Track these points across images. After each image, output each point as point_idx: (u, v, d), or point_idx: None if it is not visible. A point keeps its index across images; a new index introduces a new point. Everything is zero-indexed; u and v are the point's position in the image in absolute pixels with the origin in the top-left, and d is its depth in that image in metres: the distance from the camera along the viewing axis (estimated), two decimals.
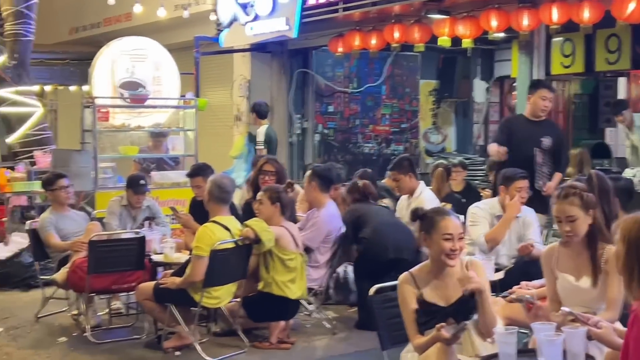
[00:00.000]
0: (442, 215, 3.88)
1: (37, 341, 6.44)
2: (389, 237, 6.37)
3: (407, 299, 3.88)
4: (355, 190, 6.74)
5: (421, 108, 12.82)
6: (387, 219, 6.61)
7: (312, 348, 6.08)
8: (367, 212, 6.55)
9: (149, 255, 6.54)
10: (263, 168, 6.89)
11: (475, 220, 5.83)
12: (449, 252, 3.82)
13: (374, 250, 6.35)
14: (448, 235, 3.82)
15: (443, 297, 3.87)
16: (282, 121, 11.99)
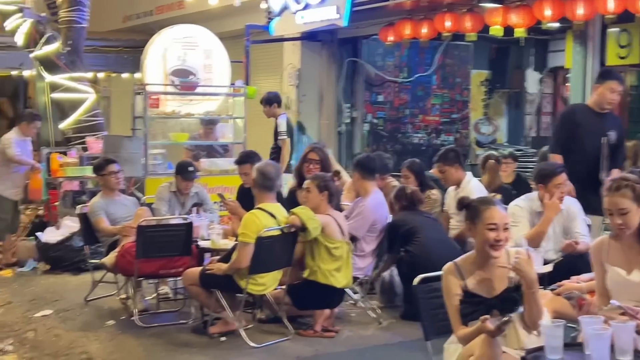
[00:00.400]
0: (487, 205, 3.84)
1: (86, 324, 6.56)
2: (436, 254, 6.23)
3: (451, 289, 3.85)
4: (402, 197, 6.66)
5: (472, 98, 12.72)
6: (435, 234, 6.50)
7: (357, 337, 6.07)
8: (415, 225, 6.45)
9: (196, 241, 6.61)
10: (308, 156, 6.89)
11: (515, 220, 5.69)
12: (493, 242, 3.78)
13: (419, 266, 6.22)
14: (492, 226, 3.78)
15: (488, 288, 3.83)
16: (331, 110, 12.00)
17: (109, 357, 5.71)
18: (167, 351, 5.71)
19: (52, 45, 11.17)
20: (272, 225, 5.78)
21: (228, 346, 5.78)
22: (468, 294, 3.83)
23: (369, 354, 5.66)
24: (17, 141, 9.23)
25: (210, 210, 7.45)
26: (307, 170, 6.74)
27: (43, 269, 8.71)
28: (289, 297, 6.07)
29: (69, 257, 8.56)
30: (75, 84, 11.10)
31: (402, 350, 5.70)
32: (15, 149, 9.12)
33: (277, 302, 6.11)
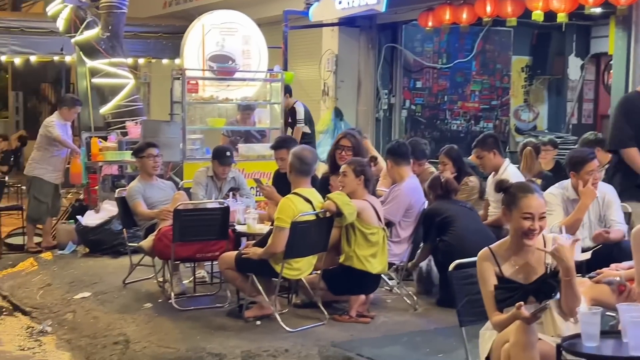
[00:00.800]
0: (524, 193, 3.78)
1: (124, 306, 6.64)
2: (472, 243, 6.16)
3: (486, 275, 3.83)
4: (437, 186, 6.63)
5: (513, 85, 12.58)
6: (471, 223, 6.44)
7: (392, 323, 6.07)
8: (451, 214, 6.41)
9: (233, 225, 6.64)
10: (340, 143, 6.85)
11: (549, 208, 5.60)
12: (527, 231, 3.74)
13: (455, 255, 6.16)
14: (528, 215, 3.73)
15: (523, 274, 3.80)
16: (369, 96, 11.97)
17: (146, 339, 5.78)
18: (203, 334, 5.75)
19: (92, 30, 11.28)
20: (307, 210, 5.79)
21: (263, 330, 5.81)
22: (503, 280, 3.81)
23: (404, 340, 5.64)
24: (59, 125, 9.37)
25: (247, 195, 7.48)
26: (340, 157, 6.72)
27: (82, 252, 8.85)
28: (324, 282, 6.08)
29: (108, 241, 8.67)
30: (115, 69, 11.21)
31: (438, 336, 5.69)
32: (58, 131, 9.26)
33: (312, 287, 6.12)
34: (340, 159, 6.67)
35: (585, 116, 12.85)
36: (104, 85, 11.30)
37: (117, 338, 5.93)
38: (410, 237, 6.50)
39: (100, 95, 11.45)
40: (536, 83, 12.78)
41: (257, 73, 9.97)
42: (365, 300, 6.16)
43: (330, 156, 6.91)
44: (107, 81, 11.24)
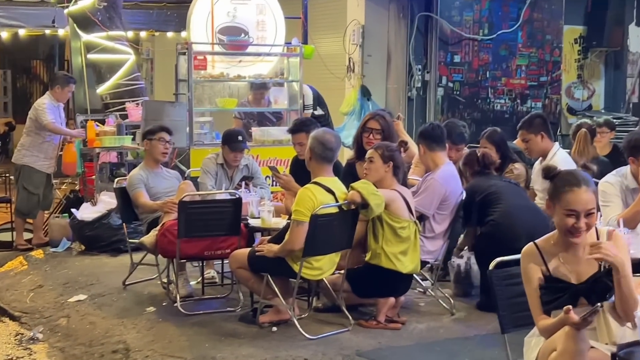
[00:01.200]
0: (570, 186, 3.72)
1: (123, 310, 6.69)
2: (522, 221, 6.18)
3: (531, 274, 3.81)
4: (473, 162, 6.63)
5: (564, 59, 12.53)
6: (519, 200, 6.44)
7: (426, 329, 6.07)
8: (495, 190, 6.42)
9: (246, 219, 6.66)
10: (367, 125, 6.83)
11: (606, 199, 5.57)
12: (570, 229, 3.71)
13: (502, 237, 6.15)
14: (571, 212, 3.70)
15: (574, 273, 3.78)
16: (400, 73, 11.93)
17: (148, 347, 5.82)
18: (212, 341, 5.78)
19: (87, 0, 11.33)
20: (329, 201, 5.79)
21: (280, 337, 5.83)
22: (550, 279, 3.79)
23: (440, 349, 5.65)
24: (51, 107, 9.38)
25: (262, 185, 7.50)
26: (367, 141, 6.70)
27: (77, 250, 8.93)
28: (348, 283, 6.09)
29: (106, 237, 8.74)
30: (113, 43, 11.26)
31: (478, 344, 5.68)
32: (49, 115, 9.29)
33: (335, 288, 6.13)
34: (367, 143, 6.67)
35: None
36: (101, 62, 11.35)
37: (116, 346, 5.98)
38: (446, 232, 6.48)
39: (96, 73, 11.51)
40: (591, 56, 12.71)
41: (273, 47, 9.97)
42: (395, 304, 6.16)
43: (357, 140, 6.90)
44: (105, 57, 11.29)
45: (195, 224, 6.41)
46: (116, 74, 11.24)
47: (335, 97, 11.59)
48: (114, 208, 8.51)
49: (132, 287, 7.28)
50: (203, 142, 9.25)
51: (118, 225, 8.44)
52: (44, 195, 9.54)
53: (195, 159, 8.66)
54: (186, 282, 6.87)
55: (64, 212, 9.65)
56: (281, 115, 10.03)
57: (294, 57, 9.79)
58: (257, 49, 9.97)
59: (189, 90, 9.10)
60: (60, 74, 10.25)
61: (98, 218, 8.80)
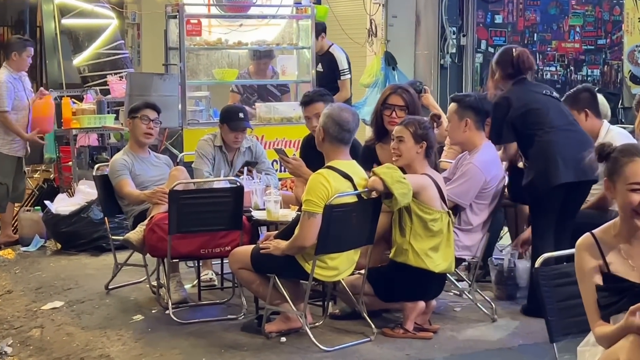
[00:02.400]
0: (631, 156, 3.73)
1: (106, 319, 6.71)
2: (571, 159, 6.19)
3: (587, 271, 3.80)
4: (506, 62, 6.55)
5: (626, 17, 12.44)
6: (562, 122, 6.42)
7: (462, 339, 6.07)
8: (536, 106, 6.39)
9: (249, 211, 6.67)
10: (388, 101, 6.79)
11: None
12: (637, 208, 3.69)
13: (542, 176, 6.25)
14: (637, 186, 3.68)
15: (638, 269, 3.77)
16: (432, 37, 11.93)
17: None
18: (210, 354, 5.80)
19: None
20: (346, 189, 5.78)
21: (289, 349, 5.83)
22: (610, 277, 3.77)
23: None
24: (10, 80, 9.19)
25: (267, 171, 7.51)
26: (389, 120, 6.67)
27: (52, 249, 8.98)
28: (370, 285, 6.09)
29: (86, 233, 8.77)
30: (92, 6, 11.29)
31: (523, 355, 5.69)
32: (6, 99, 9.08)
33: (354, 291, 6.12)
34: (389, 122, 6.65)
35: None
36: (77, 28, 11.39)
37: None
38: (486, 224, 6.47)
39: (73, 41, 11.55)
40: None
41: (280, 8, 9.97)
42: (426, 309, 6.15)
43: (376, 119, 6.87)
44: (82, 22, 11.33)
45: (189, 217, 6.42)
46: (95, 42, 11.29)
47: (354, 67, 11.56)
48: (95, 200, 8.53)
49: (117, 292, 7.29)
50: (198, 121, 9.27)
51: (99, 219, 8.46)
52: (13, 185, 9.51)
53: (189, 141, 8.68)
54: (179, 286, 6.88)
55: (37, 205, 9.67)
56: (287, 88, 10.03)
57: (305, 20, 9.78)
58: (262, 11, 9.96)
59: (181, 60, 9.12)
60: (14, 39, 10.05)
61: (76, 211, 8.82)
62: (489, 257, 7.01)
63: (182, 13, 9.15)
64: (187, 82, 9.20)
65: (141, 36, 17.39)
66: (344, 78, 9.96)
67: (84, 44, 11.33)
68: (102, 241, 8.50)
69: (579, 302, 3.86)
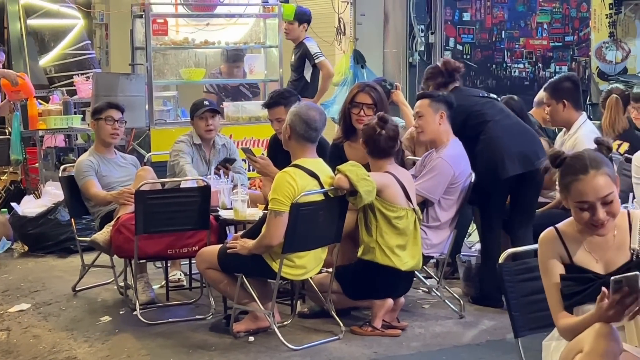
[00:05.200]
0: (575, 174, 3.70)
1: (74, 321, 6.69)
2: (515, 151, 6.36)
3: (551, 263, 3.82)
4: (436, 74, 6.73)
5: (593, 14, 12.52)
6: (501, 116, 6.59)
7: (430, 336, 6.09)
8: (475, 109, 6.55)
9: (216, 210, 6.67)
10: (356, 99, 6.80)
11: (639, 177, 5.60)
12: (589, 224, 3.72)
13: (488, 171, 6.39)
14: (584, 204, 3.69)
15: (601, 262, 3.80)
16: (400, 34, 11.93)
17: None
18: (178, 355, 5.79)
19: None
20: (312, 187, 5.79)
21: (257, 348, 5.84)
22: (574, 268, 3.80)
23: (446, 358, 5.67)
24: None
25: (238, 170, 7.50)
26: (357, 118, 6.68)
27: (19, 251, 8.91)
28: (338, 283, 6.10)
29: (53, 235, 8.72)
30: (58, 6, 11.23)
31: (490, 351, 5.70)
32: None
33: (322, 290, 6.14)
34: (357, 120, 6.66)
35: None
36: (43, 28, 11.33)
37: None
38: (453, 220, 6.50)
39: (38, 41, 11.49)
40: (625, 11, 12.70)
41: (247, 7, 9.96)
42: (394, 306, 6.18)
43: (344, 117, 6.88)
44: (48, 23, 11.28)
45: (156, 217, 6.41)
46: (62, 42, 11.23)
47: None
48: (62, 201, 8.49)
49: (84, 294, 7.27)
50: (165, 120, 9.26)
51: (66, 221, 8.41)
52: None
53: (157, 141, 8.67)
54: (147, 287, 6.86)
55: (3, 207, 9.63)
56: (258, 89, 10.03)
57: (272, 19, 9.78)
58: (229, 10, 9.96)
59: (147, 60, 9.10)
60: None
61: (43, 213, 8.78)
62: (457, 254, 7.05)
63: (148, 12, 9.13)
64: (154, 82, 9.18)
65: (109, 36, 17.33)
66: (319, 60, 9.94)
67: (50, 44, 11.29)
68: (69, 243, 8.46)
69: (543, 297, 3.88)
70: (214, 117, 7.46)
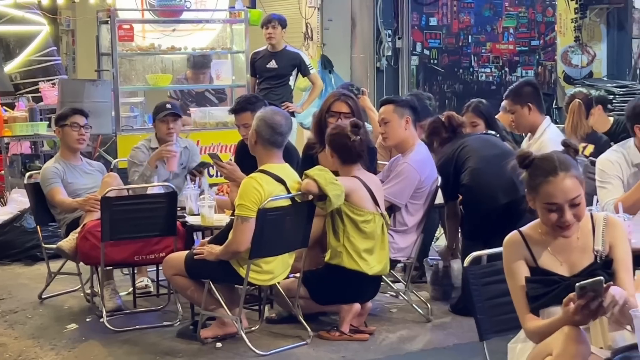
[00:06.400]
0: (545, 176, 3.73)
1: (40, 328, 6.64)
2: (496, 173, 6.24)
3: (515, 267, 3.84)
4: (439, 129, 6.69)
5: (559, 18, 12.60)
6: (490, 150, 6.50)
7: (398, 339, 6.11)
8: (463, 147, 6.50)
9: (183, 216, 6.66)
10: (333, 108, 6.81)
11: (604, 179, 5.60)
12: (555, 225, 3.74)
13: (477, 198, 6.34)
14: (552, 206, 3.72)
15: (566, 264, 3.82)
16: (367, 40, 11.95)
17: None
18: None
19: None
20: (279, 192, 5.80)
21: (225, 354, 5.83)
22: (539, 270, 3.82)
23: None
24: None
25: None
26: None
27: None
28: (305, 288, 6.11)
29: (19, 243, 8.66)
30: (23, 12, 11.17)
31: (457, 354, 5.74)
32: None
33: (290, 295, 6.14)
34: None
35: None
36: (8, 35, 11.28)
37: None
38: (420, 224, 6.53)
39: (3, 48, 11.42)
40: (590, 15, 12.78)
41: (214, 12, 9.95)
42: (361, 311, 6.19)
43: (319, 126, 6.85)
44: (13, 29, 11.22)
45: (122, 223, 6.38)
46: (27, 48, 11.16)
47: None
48: (28, 208, 8.44)
49: (50, 301, 7.23)
50: (132, 127, 9.23)
51: (32, 228, 8.37)
52: None
53: (124, 148, 8.64)
54: (114, 294, 6.83)
55: None
56: (225, 95, 10.02)
57: (239, 24, 9.78)
58: (196, 15, 9.94)
59: (113, 66, 9.07)
60: None
61: (9, 220, 8.73)
62: (425, 258, 7.07)
63: (114, 18, 9.11)
64: (120, 88, 9.15)
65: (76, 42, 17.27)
66: (313, 72, 10.02)
67: (16, 51, 11.24)
68: (35, 250, 8.39)
69: (508, 300, 3.90)
70: (176, 120, 7.44)
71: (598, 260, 3.81)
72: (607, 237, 3.82)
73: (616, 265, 3.80)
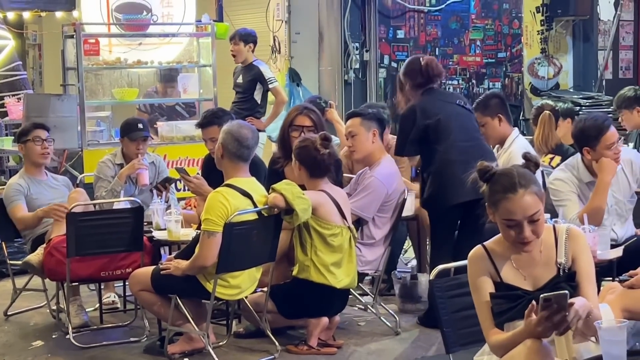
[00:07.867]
0: (504, 192, 3.72)
1: (5, 346, 6.59)
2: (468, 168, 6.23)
3: (480, 281, 3.85)
4: (415, 72, 6.48)
5: (525, 30, 12.69)
6: (463, 138, 6.41)
7: (366, 353, 6.10)
8: (438, 119, 6.36)
9: (150, 231, 6.63)
10: (295, 122, 6.81)
11: (561, 198, 5.68)
12: (515, 241, 3.75)
13: (439, 194, 6.31)
14: (511, 222, 3.72)
15: (529, 278, 3.84)
16: (335, 53, 11.95)
17: None
18: None
19: None
20: (245, 206, 5.78)
21: None
22: (503, 286, 3.83)
23: None
24: None
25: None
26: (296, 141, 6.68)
27: None
28: (273, 302, 6.09)
29: None
30: None
31: None
32: None
33: (257, 309, 6.12)
34: None
35: (623, 68, 13.00)
36: None
37: None
38: (388, 237, 6.55)
39: None
40: (556, 27, 12.88)
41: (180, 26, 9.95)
42: (330, 325, 6.19)
43: (283, 140, 6.86)
44: None
45: (88, 239, 6.34)
46: None
47: None
48: None
49: (16, 318, 7.18)
50: (99, 141, 9.20)
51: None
52: None
53: (90, 162, 8.61)
54: (80, 310, 6.80)
55: None
56: (194, 109, 10.01)
57: (206, 38, 9.77)
58: (162, 29, 9.93)
59: (79, 81, 9.04)
60: None
61: None
62: (393, 271, 7.07)
63: (80, 33, 9.08)
64: (86, 102, 9.12)
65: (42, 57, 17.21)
66: (273, 85, 9.95)
67: None
68: (0, 267, 8.33)
69: (474, 313, 3.90)
70: (146, 141, 7.45)
71: (561, 273, 3.83)
72: (570, 249, 3.84)
73: (579, 278, 3.81)
